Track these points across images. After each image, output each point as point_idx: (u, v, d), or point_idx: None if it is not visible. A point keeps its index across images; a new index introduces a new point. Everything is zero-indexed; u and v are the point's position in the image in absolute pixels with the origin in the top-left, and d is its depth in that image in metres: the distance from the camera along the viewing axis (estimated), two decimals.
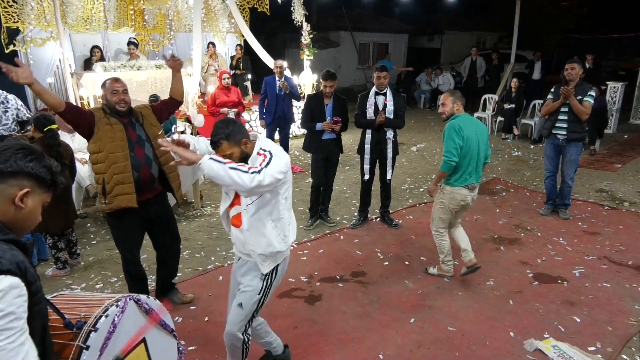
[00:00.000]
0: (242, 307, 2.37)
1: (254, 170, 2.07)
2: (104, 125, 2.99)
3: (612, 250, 4.47)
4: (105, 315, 1.85)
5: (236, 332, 2.40)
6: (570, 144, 5.05)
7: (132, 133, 3.07)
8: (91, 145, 3.02)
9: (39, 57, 8.24)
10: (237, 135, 2.21)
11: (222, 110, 6.32)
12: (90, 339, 1.77)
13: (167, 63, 3.33)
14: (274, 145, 2.32)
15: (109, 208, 3.04)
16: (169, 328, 2.27)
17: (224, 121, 2.28)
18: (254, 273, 2.39)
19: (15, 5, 7.42)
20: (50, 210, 3.74)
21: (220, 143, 2.20)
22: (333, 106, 4.80)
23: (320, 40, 13.88)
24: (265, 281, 2.38)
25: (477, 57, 12.57)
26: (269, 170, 2.10)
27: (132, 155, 3.03)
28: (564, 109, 5.00)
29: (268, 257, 2.33)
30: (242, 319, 2.38)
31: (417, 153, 8.49)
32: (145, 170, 3.10)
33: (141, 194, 3.10)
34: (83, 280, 3.98)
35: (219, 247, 4.60)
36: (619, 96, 9.79)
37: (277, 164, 2.16)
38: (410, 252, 4.48)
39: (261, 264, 2.33)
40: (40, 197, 1.41)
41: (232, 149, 2.21)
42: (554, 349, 2.99)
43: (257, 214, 2.28)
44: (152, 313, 2.14)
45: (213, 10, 9.96)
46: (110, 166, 2.98)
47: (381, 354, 2.98)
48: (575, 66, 4.91)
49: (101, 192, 3.02)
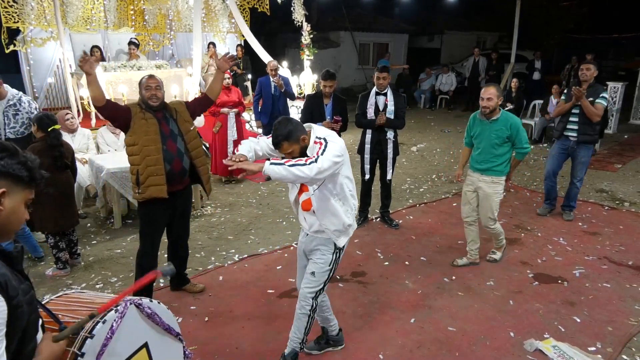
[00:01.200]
0: (315, 275, 2.64)
1: (311, 160, 2.29)
2: (139, 119, 3.16)
3: (613, 251, 4.47)
4: (103, 321, 1.78)
5: (307, 295, 2.65)
6: (581, 146, 4.99)
7: (165, 127, 3.24)
8: (127, 138, 3.21)
9: (39, 57, 8.26)
10: (295, 134, 2.41)
11: (222, 110, 6.32)
12: (86, 346, 1.70)
13: (217, 61, 3.51)
14: (327, 131, 2.52)
15: (141, 197, 3.23)
16: (174, 332, 2.18)
17: (282, 122, 2.44)
18: (324, 248, 2.64)
19: (16, 5, 7.43)
20: (52, 209, 3.78)
21: (282, 144, 2.42)
22: (333, 106, 4.80)
23: (320, 40, 13.89)
24: (335, 254, 2.64)
25: (479, 57, 12.58)
26: (325, 157, 2.32)
27: (165, 148, 3.20)
28: (575, 111, 4.91)
29: (342, 232, 2.60)
30: (314, 285, 2.65)
31: (417, 153, 8.49)
32: (176, 163, 3.27)
33: (172, 185, 3.27)
34: (83, 280, 3.98)
35: (219, 247, 4.61)
36: (619, 96, 9.79)
37: (333, 148, 2.37)
38: (410, 252, 4.48)
39: (337, 239, 2.60)
40: (20, 196, 1.34)
41: (293, 146, 2.43)
42: (554, 349, 2.99)
43: (324, 196, 2.52)
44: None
45: (213, 10, 9.97)
46: (144, 158, 3.16)
47: (381, 354, 2.98)
48: (591, 67, 4.83)
49: (135, 182, 3.21)
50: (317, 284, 2.64)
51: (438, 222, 5.24)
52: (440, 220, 5.27)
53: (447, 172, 7.25)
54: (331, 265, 2.65)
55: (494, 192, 3.95)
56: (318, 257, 2.65)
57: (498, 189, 3.96)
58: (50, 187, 3.67)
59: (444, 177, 6.97)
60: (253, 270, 4.14)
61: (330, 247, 2.62)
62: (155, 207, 3.29)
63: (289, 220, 5.29)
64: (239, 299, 3.65)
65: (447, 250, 4.51)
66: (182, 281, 3.75)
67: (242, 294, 3.73)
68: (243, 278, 3.99)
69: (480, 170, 3.97)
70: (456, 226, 5.09)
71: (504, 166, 3.92)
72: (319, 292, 2.67)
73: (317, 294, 2.67)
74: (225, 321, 3.35)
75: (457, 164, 7.72)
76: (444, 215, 5.42)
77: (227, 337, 3.17)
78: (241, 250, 4.53)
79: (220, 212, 5.53)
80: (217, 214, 5.48)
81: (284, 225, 5.17)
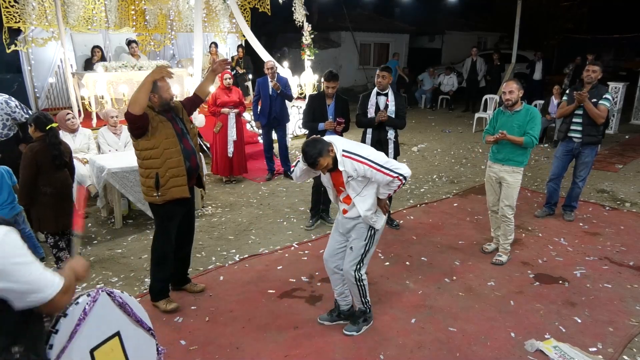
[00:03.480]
0: (352, 250, 3.00)
1: (398, 177, 2.79)
2: (157, 123, 3.19)
3: (613, 251, 4.47)
4: (76, 303, 1.94)
5: (349, 269, 2.99)
6: (585, 147, 4.97)
7: (176, 126, 3.30)
8: (145, 142, 3.19)
9: (40, 57, 8.26)
10: (325, 149, 2.75)
11: (223, 110, 6.31)
12: (60, 324, 1.84)
13: (213, 65, 3.55)
14: (347, 143, 2.88)
15: (162, 200, 3.27)
16: (146, 326, 2.29)
17: (310, 143, 2.76)
18: (361, 226, 2.97)
19: (17, 5, 7.44)
20: (51, 209, 3.77)
21: (318, 161, 2.73)
22: (335, 106, 4.80)
23: (321, 41, 13.90)
24: (370, 231, 2.97)
25: (477, 57, 12.56)
26: (397, 165, 2.81)
27: (182, 147, 3.28)
28: (578, 112, 4.89)
29: (377, 214, 2.97)
30: (353, 258, 2.99)
31: (417, 153, 8.49)
32: (193, 159, 3.37)
33: (189, 180, 3.36)
34: (84, 279, 3.98)
35: (219, 247, 4.61)
36: (620, 97, 9.79)
37: (378, 156, 2.81)
38: (411, 252, 4.48)
39: (375, 222, 2.95)
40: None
41: (326, 160, 2.76)
42: (555, 350, 2.99)
43: (360, 190, 2.88)
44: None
45: (214, 10, 9.96)
46: (165, 161, 3.20)
47: (382, 354, 2.98)
48: (597, 69, 4.79)
49: (154, 185, 3.22)
50: (355, 258, 2.98)
51: (439, 222, 5.23)
52: (441, 221, 5.27)
53: (448, 172, 7.25)
54: (367, 241, 2.97)
55: (515, 181, 4.13)
56: (356, 234, 2.99)
57: (518, 178, 4.14)
58: (49, 187, 3.67)
59: (445, 178, 6.97)
60: (254, 270, 4.14)
61: (366, 226, 2.95)
62: (175, 206, 3.35)
63: (290, 221, 5.30)
64: (240, 298, 3.65)
65: (448, 250, 4.51)
66: (183, 280, 3.76)
67: (242, 294, 3.73)
68: (244, 278, 3.99)
69: (501, 161, 4.16)
70: (457, 226, 5.10)
71: (524, 157, 4.09)
72: (358, 265, 2.98)
73: (358, 267, 2.98)
74: (226, 321, 3.35)
75: (457, 164, 7.73)
76: (445, 216, 5.42)
77: (227, 337, 3.17)
78: (242, 250, 4.53)
79: (221, 212, 5.54)
80: (218, 213, 5.48)
81: (285, 226, 5.17)
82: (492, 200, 4.38)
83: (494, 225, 4.44)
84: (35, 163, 3.60)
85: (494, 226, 4.46)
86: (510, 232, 4.24)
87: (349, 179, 2.83)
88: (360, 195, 2.88)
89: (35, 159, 3.60)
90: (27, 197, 3.69)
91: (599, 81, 4.88)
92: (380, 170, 2.74)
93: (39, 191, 3.68)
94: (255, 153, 7.69)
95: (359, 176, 2.80)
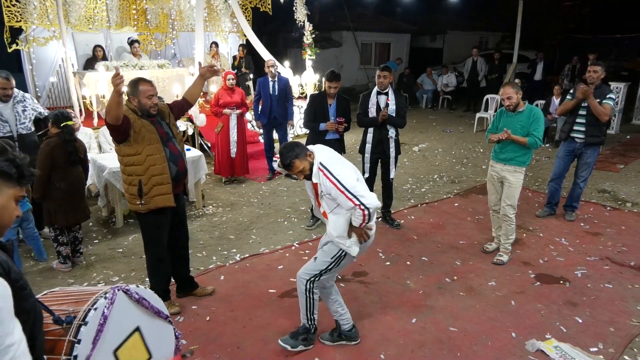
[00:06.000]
0: (315, 260, 2.87)
1: (359, 203, 2.59)
2: (139, 127, 3.04)
3: (615, 251, 4.46)
4: (95, 308, 1.87)
5: (301, 276, 2.86)
6: (587, 148, 4.95)
7: (161, 131, 3.16)
8: (127, 148, 3.05)
9: (42, 57, 8.27)
10: (303, 153, 2.70)
11: (225, 110, 6.31)
12: (81, 333, 1.78)
13: (201, 69, 3.42)
14: (327, 155, 2.76)
15: (146, 208, 3.13)
16: (164, 315, 2.28)
17: (288, 146, 2.71)
18: (336, 243, 2.83)
19: (18, 4, 7.44)
20: (63, 204, 3.86)
21: (293, 163, 2.67)
22: (336, 106, 4.80)
23: (322, 40, 13.89)
24: (340, 252, 2.80)
25: (477, 57, 12.55)
26: (364, 193, 2.62)
27: (168, 151, 3.15)
28: (581, 112, 4.85)
29: (353, 240, 2.78)
30: (312, 269, 2.84)
31: (418, 153, 8.48)
32: (181, 163, 3.26)
33: (176, 186, 3.25)
34: (85, 279, 3.99)
35: (220, 247, 4.61)
36: (622, 97, 9.76)
37: (346, 179, 2.66)
38: (411, 252, 4.48)
39: (349, 248, 2.77)
40: (10, 193, 1.36)
41: (303, 163, 2.70)
42: (556, 350, 2.98)
43: (333, 208, 2.75)
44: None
45: (215, 10, 9.97)
46: (148, 168, 3.06)
47: (382, 354, 2.98)
48: (598, 69, 4.77)
49: (137, 193, 3.08)
50: (314, 269, 2.83)
51: (439, 222, 5.23)
52: (442, 221, 5.26)
53: (449, 172, 7.25)
54: (333, 259, 2.81)
55: (517, 181, 4.14)
56: (327, 248, 2.87)
57: (520, 178, 4.16)
58: (62, 182, 3.82)
59: (446, 177, 6.96)
60: (254, 269, 4.14)
61: (338, 245, 2.80)
62: (160, 215, 3.22)
63: (291, 220, 5.30)
64: (240, 298, 3.66)
65: (449, 250, 4.51)
66: (191, 286, 3.68)
67: (243, 293, 3.73)
68: (244, 278, 3.99)
69: (503, 160, 4.17)
70: (458, 226, 5.09)
71: (526, 157, 4.10)
72: (313, 278, 2.82)
73: (311, 279, 2.82)
74: (227, 321, 3.36)
75: (458, 164, 7.72)
76: (446, 216, 5.41)
77: (228, 336, 3.17)
78: (242, 250, 4.53)
79: (221, 211, 5.54)
80: (219, 213, 5.48)
81: (286, 225, 5.17)
82: (493, 200, 4.38)
83: (495, 225, 4.44)
84: (52, 158, 3.75)
85: (495, 226, 4.46)
86: (511, 232, 4.23)
87: (321, 193, 2.73)
88: (334, 213, 2.74)
89: (51, 154, 3.75)
90: (41, 191, 3.82)
91: (601, 81, 4.86)
92: (344, 192, 2.59)
93: (53, 186, 3.81)
94: (256, 153, 7.69)
95: (327, 193, 2.67)
